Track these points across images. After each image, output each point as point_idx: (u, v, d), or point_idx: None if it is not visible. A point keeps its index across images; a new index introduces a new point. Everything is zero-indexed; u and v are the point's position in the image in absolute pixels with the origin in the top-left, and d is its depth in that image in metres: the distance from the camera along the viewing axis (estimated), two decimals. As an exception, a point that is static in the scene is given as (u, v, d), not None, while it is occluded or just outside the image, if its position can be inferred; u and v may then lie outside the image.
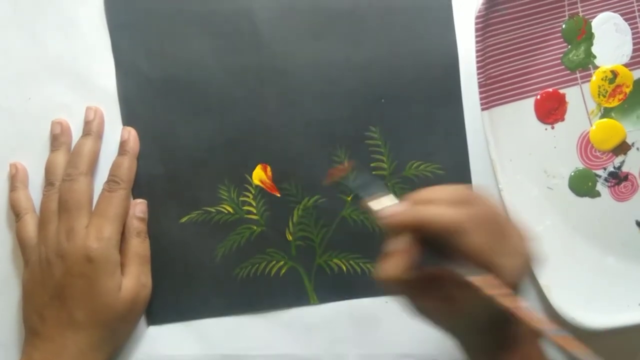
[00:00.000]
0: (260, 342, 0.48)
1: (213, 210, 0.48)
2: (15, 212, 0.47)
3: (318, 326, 0.48)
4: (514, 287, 0.34)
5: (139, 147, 0.48)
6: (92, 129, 0.47)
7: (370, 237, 0.48)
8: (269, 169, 0.48)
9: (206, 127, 0.48)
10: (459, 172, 0.48)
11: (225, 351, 0.48)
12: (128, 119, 0.48)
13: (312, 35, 0.48)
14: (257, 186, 0.48)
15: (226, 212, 0.48)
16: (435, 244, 0.34)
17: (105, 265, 0.44)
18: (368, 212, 0.37)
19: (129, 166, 0.47)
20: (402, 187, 0.48)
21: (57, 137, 0.47)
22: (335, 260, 0.48)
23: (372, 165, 0.48)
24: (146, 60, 0.48)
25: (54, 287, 0.44)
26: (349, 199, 0.48)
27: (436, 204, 0.34)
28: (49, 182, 0.46)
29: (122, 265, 0.45)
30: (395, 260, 0.34)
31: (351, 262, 0.48)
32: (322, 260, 0.48)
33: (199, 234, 0.48)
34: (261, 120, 0.48)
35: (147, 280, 0.47)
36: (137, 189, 0.48)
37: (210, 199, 0.48)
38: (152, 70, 0.48)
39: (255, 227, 0.48)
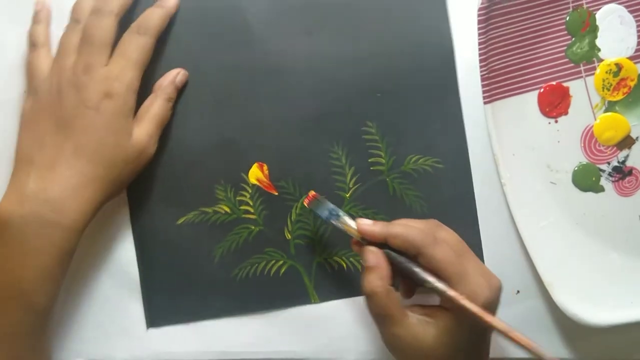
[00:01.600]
0: (259, 340, 0.48)
1: (210, 210, 0.47)
2: (32, 43, 0.45)
3: (317, 324, 0.48)
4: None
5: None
6: None
7: None
8: (265, 167, 0.47)
9: (200, 127, 0.47)
10: (459, 165, 0.47)
11: (224, 348, 0.48)
12: None
13: (304, 31, 0.47)
14: (254, 185, 0.47)
15: (223, 212, 0.47)
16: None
17: (122, 106, 0.43)
18: (346, 231, 0.42)
19: (163, 19, 0.45)
20: (401, 182, 0.47)
21: None
22: (335, 258, 0.47)
23: (370, 160, 0.47)
24: None
25: (63, 117, 0.42)
26: (348, 195, 0.47)
27: (402, 225, 0.40)
28: (74, 19, 0.45)
29: (140, 119, 0.44)
30: (376, 271, 0.40)
31: (351, 259, 0.48)
32: (321, 258, 0.47)
33: (197, 235, 0.47)
34: (256, 119, 0.47)
35: (155, 142, 0.46)
36: (132, 192, 0.47)
37: (207, 199, 0.47)
38: (145, 72, 0.47)
39: (253, 227, 0.47)
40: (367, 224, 0.41)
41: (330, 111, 0.47)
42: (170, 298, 0.47)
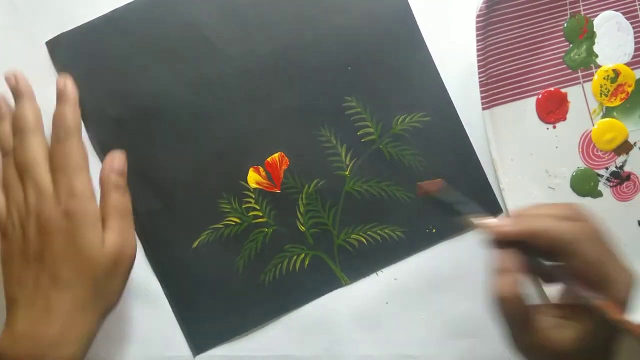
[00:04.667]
0: (259, 344, 0.48)
1: (221, 226, 0.48)
2: None
3: (317, 327, 0.48)
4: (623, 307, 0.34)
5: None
6: (22, 89, 0.45)
7: (380, 203, 0.48)
8: (261, 169, 0.48)
9: (189, 149, 0.47)
10: (445, 114, 0.48)
11: (225, 352, 0.48)
12: None
13: (260, 27, 0.47)
14: (255, 189, 0.48)
15: (234, 223, 0.48)
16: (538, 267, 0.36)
17: (84, 218, 0.41)
18: (470, 227, 0.38)
19: (73, 112, 0.43)
20: (395, 145, 0.48)
21: None
22: (354, 236, 0.48)
23: (359, 133, 0.48)
24: (110, 104, 0.47)
25: (32, 250, 0.41)
26: (348, 173, 0.48)
27: (545, 217, 0.35)
28: (3, 154, 0.44)
29: (103, 221, 0.42)
30: (508, 276, 0.35)
31: (369, 233, 0.48)
32: (340, 240, 0.48)
33: (215, 253, 0.48)
34: (239, 125, 0.48)
35: (129, 235, 0.43)
36: (142, 229, 0.47)
37: (215, 216, 0.48)
38: (119, 112, 0.47)
39: (266, 229, 0.48)
40: (501, 225, 0.36)
41: (308, 97, 0.48)
42: (207, 322, 0.48)
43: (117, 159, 0.44)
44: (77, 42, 0.47)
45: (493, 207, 0.48)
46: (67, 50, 0.47)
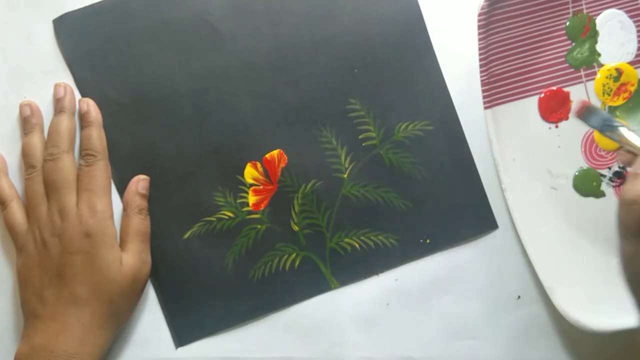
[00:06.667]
0: (259, 345, 0.48)
1: (214, 219, 0.47)
2: (0, 201, 0.46)
3: (317, 328, 0.48)
4: None
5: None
6: (65, 105, 0.46)
7: (375, 209, 0.47)
8: (258, 165, 0.47)
9: (188, 139, 0.47)
10: (448, 124, 0.48)
11: (225, 354, 0.47)
12: (109, 149, 0.47)
13: (269, 22, 0.47)
14: (251, 184, 0.47)
15: (227, 217, 0.47)
16: None
17: (103, 239, 0.44)
18: (623, 142, 0.40)
19: (98, 136, 0.46)
20: (395, 152, 0.48)
21: (29, 119, 0.47)
22: (347, 240, 0.48)
23: (360, 137, 0.48)
24: (113, 87, 0.47)
25: (52, 267, 0.44)
26: (346, 176, 0.47)
27: None
28: (30, 165, 0.46)
29: (123, 242, 0.45)
30: None
31: (362, 238, 0.48)
32: (333, 243, 0.48)
33: (205, 245, 0.47)
34: (240, 119, 0.47)
35: (147, 257, 0.46)
36: None
37: (208, 208, 0.47)
38: (121, 96, 0.47)
39: (259, 226, 0.47)
40: None
41: (311, 96, 0.48)
42: (192, 314, 0.47)
43: (142, 182, 0.46)
44: (83, 22, 0.48)
45: (487, 224, 0.48)
46: (72, 29, 0.47)
